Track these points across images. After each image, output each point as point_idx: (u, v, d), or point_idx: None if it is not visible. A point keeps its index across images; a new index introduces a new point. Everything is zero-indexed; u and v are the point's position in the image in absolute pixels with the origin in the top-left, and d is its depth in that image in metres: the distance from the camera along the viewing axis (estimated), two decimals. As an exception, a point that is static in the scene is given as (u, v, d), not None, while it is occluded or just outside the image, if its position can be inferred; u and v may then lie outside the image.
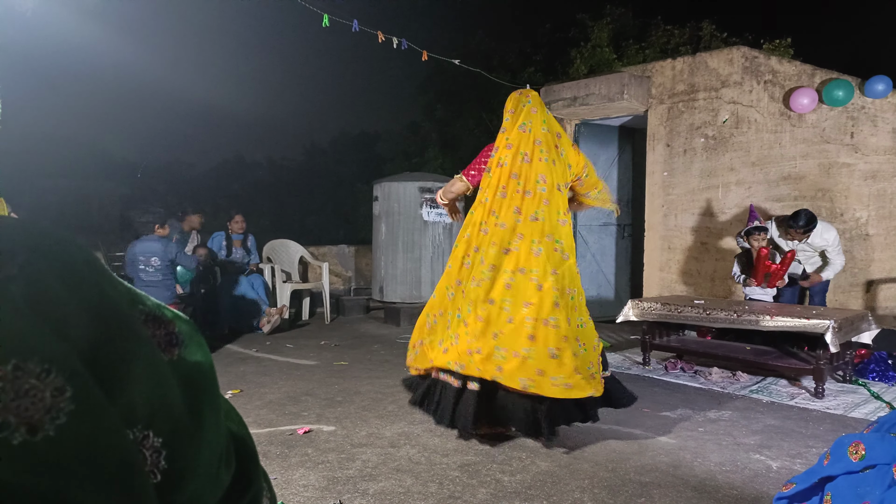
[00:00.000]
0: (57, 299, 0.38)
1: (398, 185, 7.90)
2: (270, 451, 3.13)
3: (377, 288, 8.11)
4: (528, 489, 2.69)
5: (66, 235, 0.43)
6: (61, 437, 0.34)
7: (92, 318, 0.40)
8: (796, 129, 6.02)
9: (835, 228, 5.17)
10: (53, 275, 0.39)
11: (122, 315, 0.43)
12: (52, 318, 0.37)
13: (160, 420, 0.42)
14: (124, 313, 0.43)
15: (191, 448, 0.44)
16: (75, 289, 0.40)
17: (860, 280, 5.71)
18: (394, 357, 5.49)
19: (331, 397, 4.17)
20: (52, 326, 0.36)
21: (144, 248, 4.99)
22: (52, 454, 0.33)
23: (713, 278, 6.59)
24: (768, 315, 4.34)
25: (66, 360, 0.36)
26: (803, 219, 4.95)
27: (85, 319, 0.39)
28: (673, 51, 11.47)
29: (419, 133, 18.33)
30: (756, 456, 3.13)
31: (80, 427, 0.35)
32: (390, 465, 2.97)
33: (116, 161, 21.31)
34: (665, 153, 6.96)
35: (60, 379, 0.35)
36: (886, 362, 4.79)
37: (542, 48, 13.10)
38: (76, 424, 0.34)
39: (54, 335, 0.36)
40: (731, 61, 6.44)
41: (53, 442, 0.33)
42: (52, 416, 0.34)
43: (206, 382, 0.48)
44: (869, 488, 1.59)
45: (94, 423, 0.36)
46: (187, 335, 0.49)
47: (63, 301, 0.38)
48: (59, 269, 0.40)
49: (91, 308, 0.40)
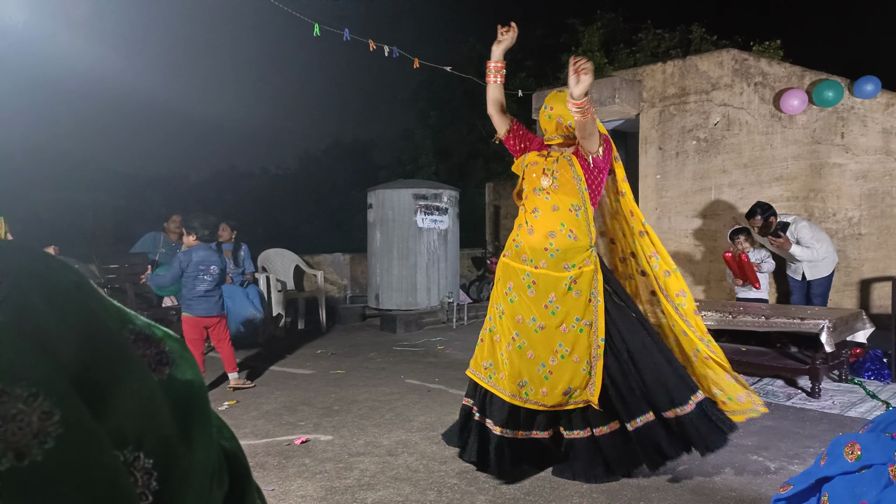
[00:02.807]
0: (45, 321, 0.38)
1: (392, 192, 7.91)
2: (268, 462, 3.12)
3: (373, 295, 8.10)
4: (527, 495, 2.69)
5: (54, 257, 0.43)
6: (49, 462, 0.34)
7: (80, 340, 0.40)
8: (787, 131, 6.06)
9: (808, 224, 5.22)
10: (41, 297, 0.39)
11: (112, 336, 0.43)
12: (39, 341, 0.37)
13: (150, 441, 0.42)
14: (113, 334, 0.43)
15: (182, 468, 0.44)
16: (63, 311, 0.40)
17: (854, 279, 5.73)
18: (390, 365, 5.48)
19: (328, 406, 4.16)
20: (39, 349, 0.36)
21: (204, 256, 4.61)
22: (40, 480, 0.33)
23: (708, 280, 6.61)
24: (764, 316, 4.35)
25: (55, 383, 0.35)
26: (756, 210, 5.21)
27: (73, 341, 0.39)
28: (663, 54, 11.53)
29: (413, 140, 18.37)
30: (754, 457, 3.13)
31: (69, 451, 0.35)
32: (388, 473, 2.96)
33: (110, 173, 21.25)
34: (657, 156, 6.99)
35: (48, 403, 0.34)
36: (882, 361, 4.81)
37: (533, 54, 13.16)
38: (65, 449, 0.34)
39: (42, 358, 0.36)
40: (721, 64, 6.48)
41: (41, 467, 0.33)
42: (40, 440, 0.34)
43: (196, 401, 0.48)
44: (865, 488, 1.60)
45: (82, 446, 0.35)
46: (177, 354, 0.49)
47: (51, 323, 0.38)
48: (47, 290, 0.40)
49: (79, 329, 0.40)
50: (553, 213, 2.86)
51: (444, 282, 8.04)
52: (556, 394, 2.75)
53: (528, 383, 2.77)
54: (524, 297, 2.86)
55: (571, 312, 2.79)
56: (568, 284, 2.79)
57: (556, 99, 2.96)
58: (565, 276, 2.80)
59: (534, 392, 2.76)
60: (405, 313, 7.52)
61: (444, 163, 16.68)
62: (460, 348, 6.18)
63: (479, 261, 11.33)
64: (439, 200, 7.98)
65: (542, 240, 2.84)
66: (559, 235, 2.82)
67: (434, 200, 7.93)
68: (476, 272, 10.95)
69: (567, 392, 2.75)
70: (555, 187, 2.87)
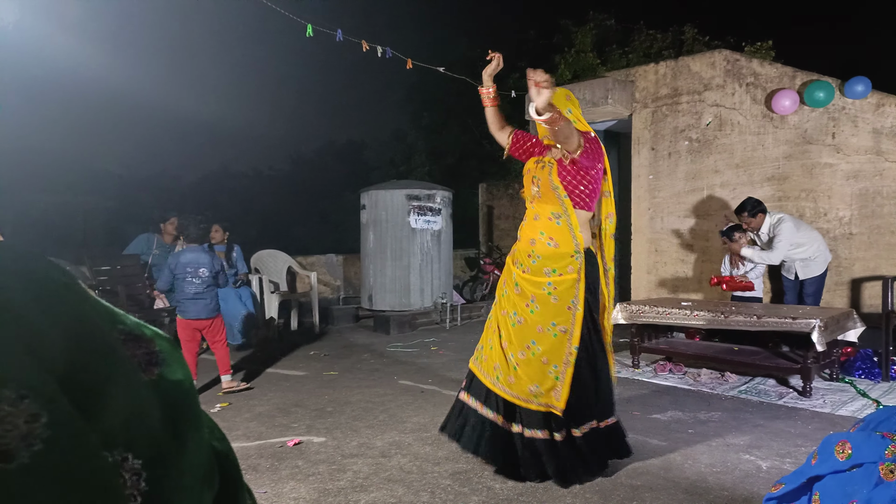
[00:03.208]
0: (33, 322, 0.38)
1: (385, 192, 7.90)
2: (260, 465, 3.11)
3: (366, 296, 8.09)
4: (521, 496, 2.69)
5: (43, 257, 0.43)
6: (37, 465, 0.33)
7: (69, 341, 0.39)
8: (779, 131, 6.09)
9: (793, 222, 5.24)
10: (30, 297, 0.39)
11: (101, 336, 0.42)
12: (27, 342, 0.36)
13: (140, 442, 0.42)
14: (103, 334, 0.43)
15: (172, 468, 0.44)
16: (52, 311, 0.40)
17: (845, 279, 5.76)
18: (384, 366, 5.48)
19: (321, 408, 4.15)
20: (27, 350, 0.36)
21: (192, 258, 4.60)
22: (28, 482, 0.33)
23: (700, 280, 6.64)
24: (755, 316, 4.37)
25: (43, 385, 0.35)
26: (746, 206, 5.30)
27: (62, 342, 0.39)
28: (656, 55, 11.57)
29: (406, 141, 18.36)
30: (746, 456, 3.15)
31: (57, 453, 0.34)
32: (382, 475, 2.96)
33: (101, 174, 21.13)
34: (650, 156, 7.01)
35: (36, 405, 0.34)
36: (872, 359, 4.84)
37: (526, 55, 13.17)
38: (53, 451, 0.34)
39: (30, 360, 0.36)
40: (713, 65, 6.50)
41: (29, 469, 0.33)
42: (28, 443, 0.33)
43: (187, 401, 0.48)
44: (856, 487, 1.61)
45: (71, 448, 0.35)
46: (168, 353, 0.48)
47: (40, 324, 0.38)
48: (36, 291, 0.39)
49: (68, 330, 0.40)
50: (534, 223, 2.99)
51: (438, 282, 8.04)
52: (522, 387, 2.86)
53: (499, 368, 2.95)
54: (512, 293, 3.01)
55: (548, 316, 2.87)
56: (547, 290, 2.89)
57: None
58: (545, 282, 2.89)
59: (503, 377, 2.92)
60: (398, 314, 7.51)
61: (437, 163, 16.67)
62: (454, 349, 6.17)
63: (472, 261, 11.34)
64: (432, 201, 7.98)
65: (527, 246, 2.99)
66: (539, 243, 2.94)
67: (427, 201, 7.93)
68: (469, 273, 10.96)
69: (533, 390, 2.84)
70: (538, 196, 2.98)
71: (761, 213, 5.27)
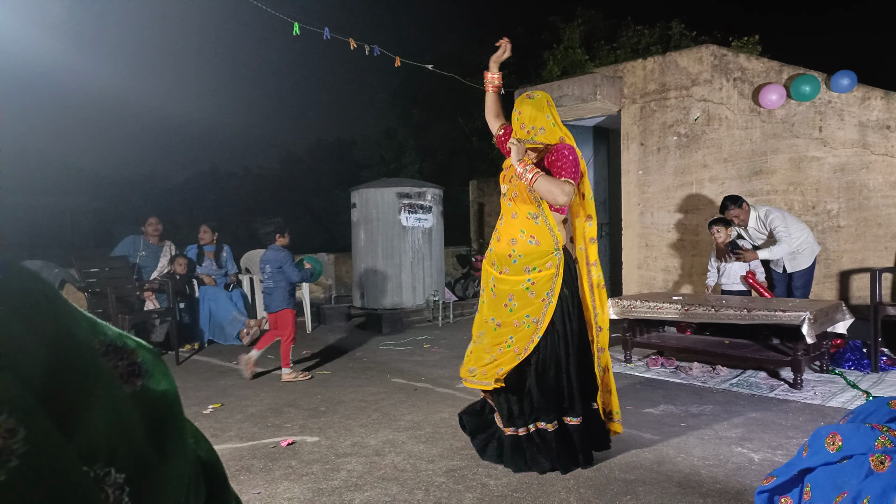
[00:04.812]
0: (11, 334, 0.37)
1: (376, 191, 7.88)
2: (253, 465, 3.09)
3: (358, 295, 8.07)
4: (515, 492, 2.69)
5: (22, 267, 0.42)
6: (14, 481, 0.32)
7: (48, 352, 0.39)
8: (766, 125, 6.12)
9: (781, 214, 5.29)
10: (8, 308, 0.38)
11: (81, 347, 0.42)
12: (5, 354, 0.36)
13: (122, 455, 0.41)
14: (84, 346, 0.42)
15: (156, 482, 0.43)
16: (32, 322, 0.39)
17: (833, 271, 5.81)
18: (376, 365, 5.47)
19: (314, 407, 4.13)
20: (4, 363, 0.35)
21: (266, 256, 5.15)
22: (5, 499, 0.32)
23: (691, 274, 6.67)
24: (745, 309, 4.40)
25: (19, 399, 0.34)
26: (727, 204, 5.39)
27: (41, 353, 0.38)
28: (644, 50, 11.61)
29: (395, 139, 18.32)
30: (738, 449, 3.17)
31: (35, 469, 0.34)
32: (376, 473, 2.96)
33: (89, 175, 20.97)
34: (639, 152, 7.03)
35: (13, 420, 0.33)
36: (861, 351, 4.88)
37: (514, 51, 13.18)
38: (30, 467, 0.33)
39: (7, 373, 0.35)
40: (700, 60, 6.52)
41: (5, 486, 0.32)
42: (4, 459, 0.33)
43: (171, 412, 0.47)
44: (847, 479, 1.62)
45: (48, 464, 0.34)
46: (151, 364, 0.47)
47: (17, 335, 0.37)
48: (15, 302, 0.39)
49: (48, 342, 0.39)
50: (513, 221, 3.00)
51: (430, 280, 8.04)
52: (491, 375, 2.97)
53: (477, 369, 3.02)
54: (489, 299, 3.06)
55: (524, 310, 2.93)
56: (526, 286, 2.93)
57: (523, 103, 3.02)
58: (525, 279, 2.93)
59: (476, 371, 3.01)
60: (390, 312, 7.50)
61: (427, 161, 16.66)
62: (446, 346, 6.17)
63: (464, 258, 11.34)
64: (423, 199, 7.96)
65: (507, 247, 3.00)
66: (520, 242, 2.95)
67: (418, 199, 7.92)
68: (461, 270, 10.96)
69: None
70: (514, 195, 3.01)
71: (744, 202, 5.38)
